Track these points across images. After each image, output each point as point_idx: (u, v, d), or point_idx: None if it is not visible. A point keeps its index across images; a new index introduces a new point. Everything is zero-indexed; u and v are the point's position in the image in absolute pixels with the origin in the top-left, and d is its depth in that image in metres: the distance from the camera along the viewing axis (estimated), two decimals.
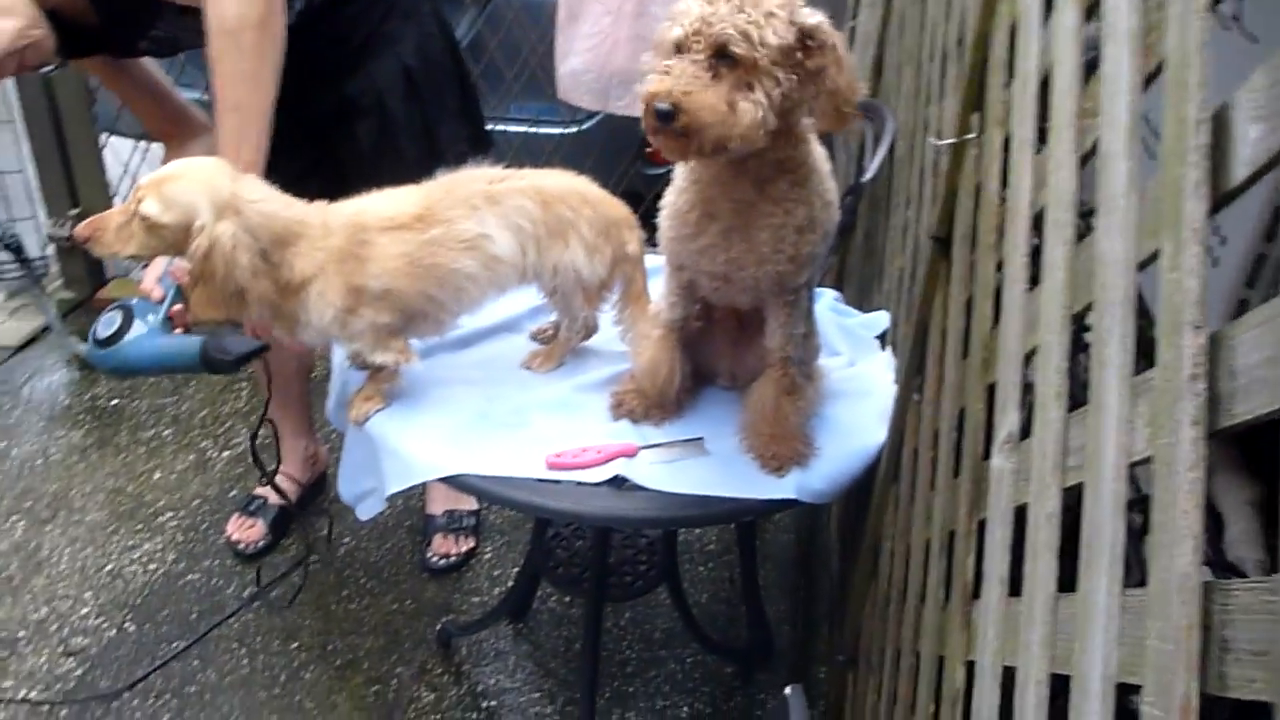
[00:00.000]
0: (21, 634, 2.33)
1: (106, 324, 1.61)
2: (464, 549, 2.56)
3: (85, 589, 2.46)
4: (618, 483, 1.49)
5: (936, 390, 1.36)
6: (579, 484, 1.48)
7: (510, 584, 2.44)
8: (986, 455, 1.08)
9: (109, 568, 2.52)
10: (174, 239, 1.43)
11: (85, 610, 2.40)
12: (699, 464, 1.53)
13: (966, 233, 1.30)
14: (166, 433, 2.97)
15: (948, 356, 1.32)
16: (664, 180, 1.51)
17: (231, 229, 1.41)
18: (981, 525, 1.07)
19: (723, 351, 1.64)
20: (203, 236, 1.40)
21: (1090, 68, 0.91)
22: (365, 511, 1.71)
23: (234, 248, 1.40)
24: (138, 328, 1.59)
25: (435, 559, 2.53)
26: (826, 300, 1.91)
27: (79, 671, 2.25)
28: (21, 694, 2.18)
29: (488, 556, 2.59)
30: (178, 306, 1.62)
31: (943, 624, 1.17)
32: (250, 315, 1.48)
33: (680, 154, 1.28)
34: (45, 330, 3.35)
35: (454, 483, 1.49)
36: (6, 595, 2.43)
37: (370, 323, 1.50)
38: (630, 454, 1.52)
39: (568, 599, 2.47)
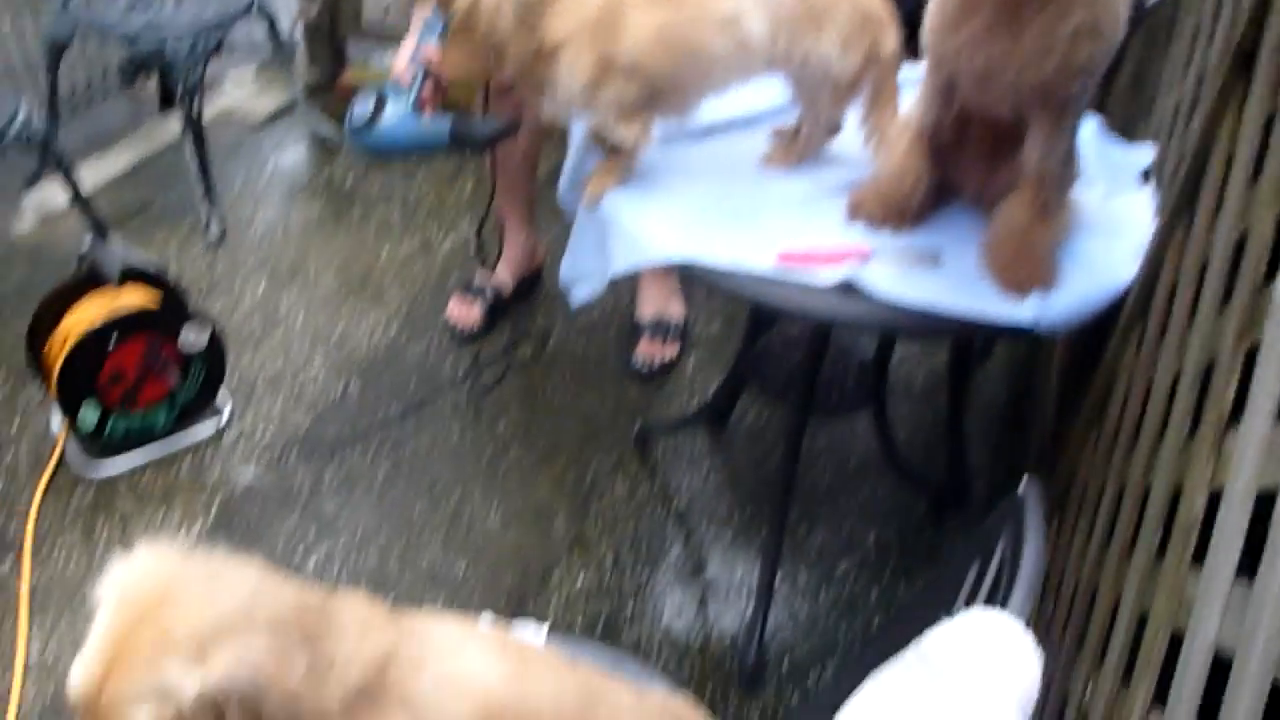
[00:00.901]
0: (260, 382, 2.52)
1: (362, 108, 1.69)
2: (669, 355, 2.59)
3: (316, 349, 2.62)
4: (846, 286, 1.46)
5: (1210, 219, 1.27)
6: (807, 282, 1.46)
7: (711, 395, 2.46)
8: (1268, 281, 1.00)
9: (338, 333, 2.67)
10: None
11: (315, 368, 2.57)
12: (933, 276, 1.48)
13: (1276, 45, 1.18)
14: (395, 215, 3.09)
15: (1232, 182, 1.22)
16: None
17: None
18: (1250, 354, 1.00)
19: (973, 167, 1.56)
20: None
21: None
22: (583, 295, 1.74)
23: (499, 2, 1.40)
24: (391, 111, 1.66)
25: (640, 362, 2.58)
26: (1090, 128, 1.79)
27: (307, 422, 2.42)
28: (257, 435, 2.37)
29: (690, 367, 2.63)
30: (428, 87, 1.67)
31: (1185, 454, 1.12)
32: (503, 73, 1.48)
33: None
34: (291, 106, 3.50)
35: (682, 268, 1.50)
36: (249, 347, 2.61)
37: (617, 95, 1.49)
38: (863, 258, 1.49)
39: (764, 418, 2.48)
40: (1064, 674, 1.33)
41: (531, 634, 1.32)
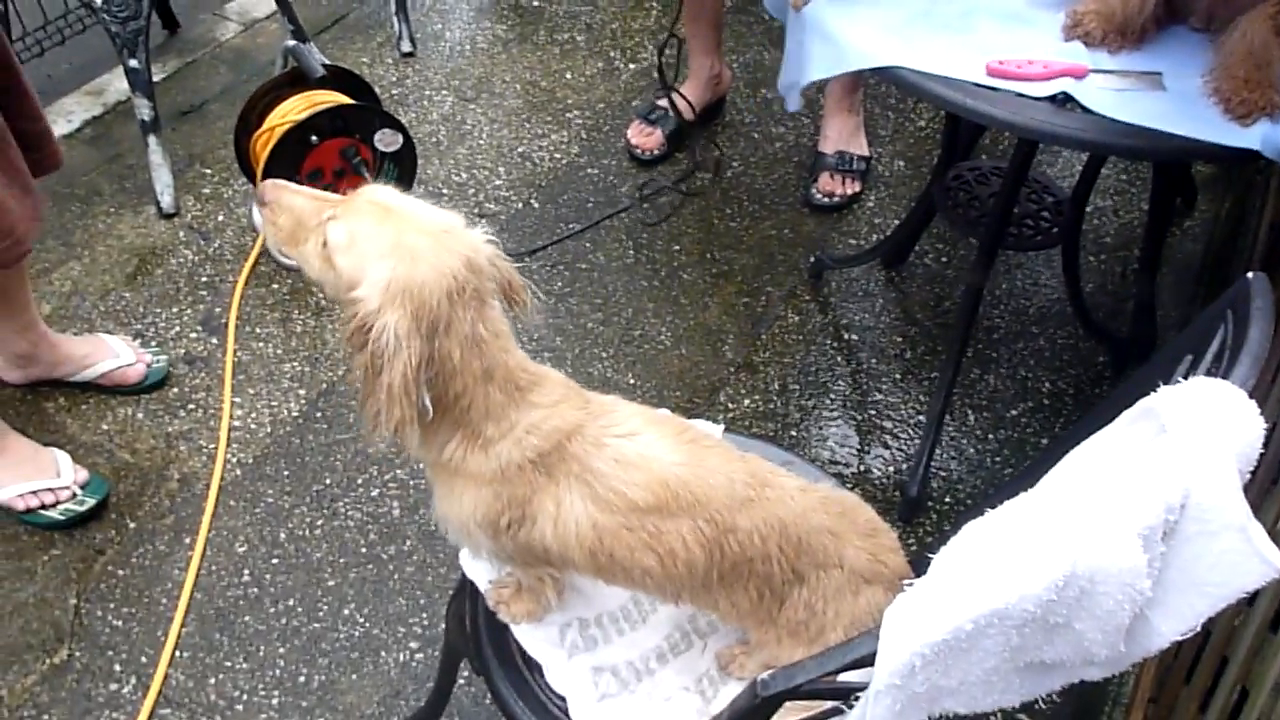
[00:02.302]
0: (445, 191, 2.59)
1: None
2: (849, 191, 2.55)
3: (499, 164, 2.67)
4: (1060, 101, 1.41)
5: None
6: (1019, 95, 1.41)
7: (890, 233, 2.42)
8: None
9: (520, 150, 2.71)
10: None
11: (498, 182, 2.62)
12: (1153, 97, 1.41)
13: None
14: (580, 38, 3.08)
15: None
16: None
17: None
18: None
19: None
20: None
21: None
22: (793, 104, 1.71)
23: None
24: None
25: (820, 195, 2.55)
26: None
27: (491, 231, 2.48)
28: None
29: (870, 204, 2.58)
30: None
31: None
32: None
33: None
34: None
35: (888, 75, 1.46)
36: (434, 157, 2.68)
37: None
38: (1079, 75, 1.42)
39: (945, 259, 2.44)
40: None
41: (709, 430, 1.36)
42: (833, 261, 2.37)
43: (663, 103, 2.70)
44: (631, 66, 2.98)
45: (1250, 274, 0.85)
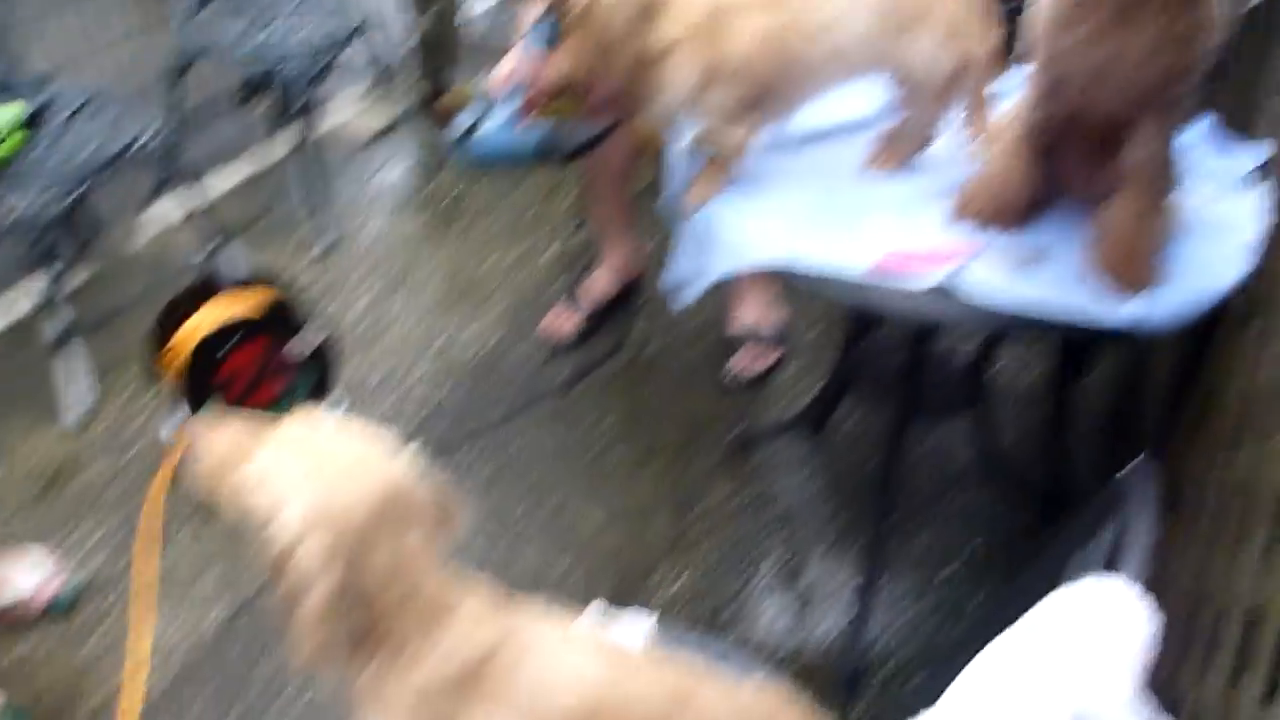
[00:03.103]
0: (368, 386, 2.60)
1: (464, 120, 1.72)
2: (767, 362, 2.61)
3: (422, 356, 2.70)
4: (950, 287, 1.47)
5: None
6: (910, 284, 1.47)
7: (810, 400, 2.47)
8: None
9: (443, 340, 2.75)
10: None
11: (421, 375, 2.64)
12: (1038, 275, 1.48)
13: None
14: (499, 225, 3.16)
15: None
16: None
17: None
18: None
19: (1077, 166, 1.55)
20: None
21: None
22: (687, 298, 1.76)
23: (616, 3, 1.44)
24: (493, 120, 1.70)
25: (739, 369, 2.60)
26: (1200, 127, 1.76)
27: (413, 425, 2.50)
28: None
29: (790, 372, 2.64)
30: (530, 95, 1.71)
31: None
32: (612, 77, 1.52)
33: None
34: (397, 122, 3.61)
35: (783, 271, 1.52)
36: (356, 354, 2.70)
37: (723, 99, 1.52)
38: (967, 260, 1.49)
39: (866, 421, 2.48)
40: (1171, 675, 1.31)
41: (640, 623, 1.35)
42: (758, 433, 2.40)
43: (582, 286, 2.77)
44: (552, 249, 3.05)
45: (1136, 461, 0.88)
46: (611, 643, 1.15)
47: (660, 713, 1.08)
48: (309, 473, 1.04)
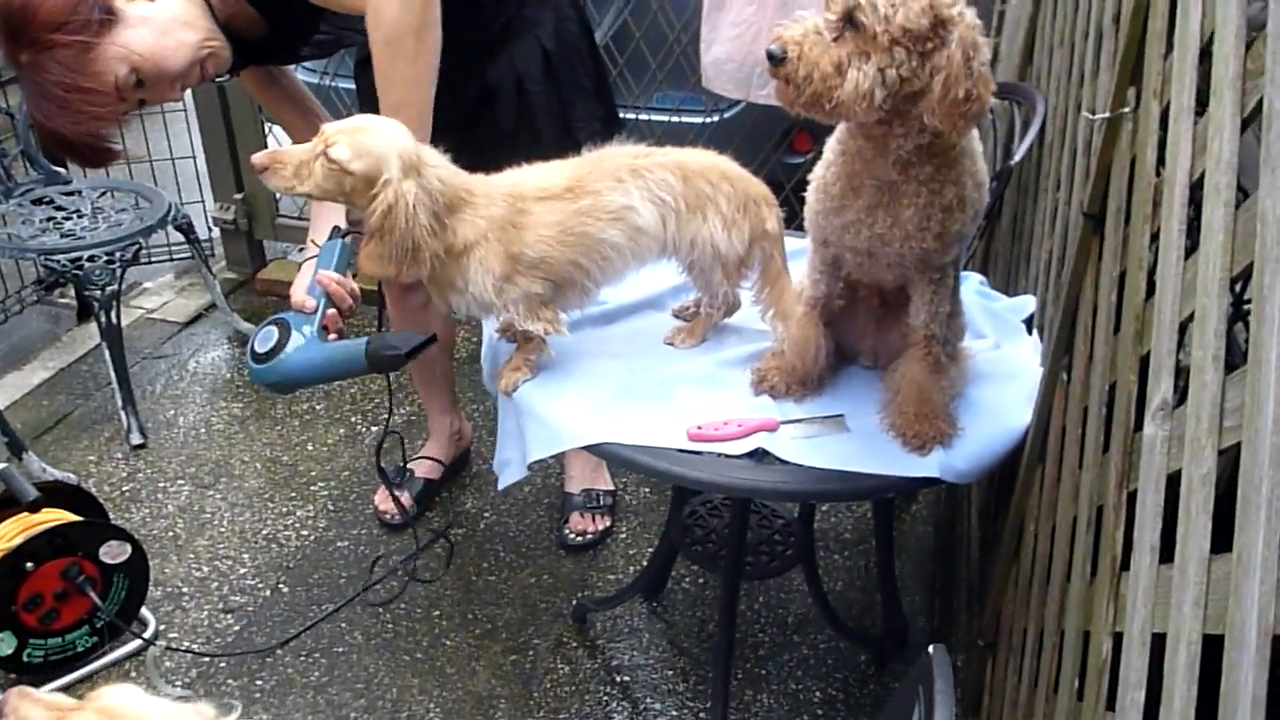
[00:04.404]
0: (185, 590, 2.48)
1: (263, 340, 1.62)
2: (600, 527, 2.61)
3: (243, 550, 2.59)
4: (758, 456, 1.51)
5: (1086, 367, 1.35)
6: (720, 456, 1.51)
7: (645, 563, 2.47)
8: (1138, 427, 1.06)
9: (265, 532, 2.65)
10: (353, 188, 1.50)
11: (243, 570, 2.54)
12: (840, 440, 1.54)
13: (1120, 207, 1.28)
14: (320, 407, 3.10)
15: (1098, 332, 1.30)
16: (805, 169, 1.53)
17: (415, 187, 1.49)
18: (1131, 498, 1.06)
19: (865, 330, 1.64)
20: (388, 190, 1.48)
21: (1254, 28, 0.89)
22: (507, 478, 1.77)
23: (416, 205, 1.48)
24: (296, 339, 1.60)
25: (572, 536, 2.59)
26: (972, 284, 1.89)
27: (236, 627, 2.38)
28: (185, 645, 2.32)
29: (623, 536, 2.64)
30: (331, 312, 1.65)
31: (1089, 598, 1.16)
32: (420, 273, 1.54)
33: (787, 101, 1.31)
34: (211, 308, 3.54)
35: (597, 451, 1.54)
36: (172, 553, 2.58)
37: (524, 292, 1.56)
38: (771, 428, 1.54)
39: (701, 581, 2.50)
40: None
41: None
42: (594, 604, 2.38)
43: (410, 465, 2.73)
44: (374, 429, 3.01)
45: (931, 648, 0.91)
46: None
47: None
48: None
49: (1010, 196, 2.44)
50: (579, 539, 2.59)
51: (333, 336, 1.63)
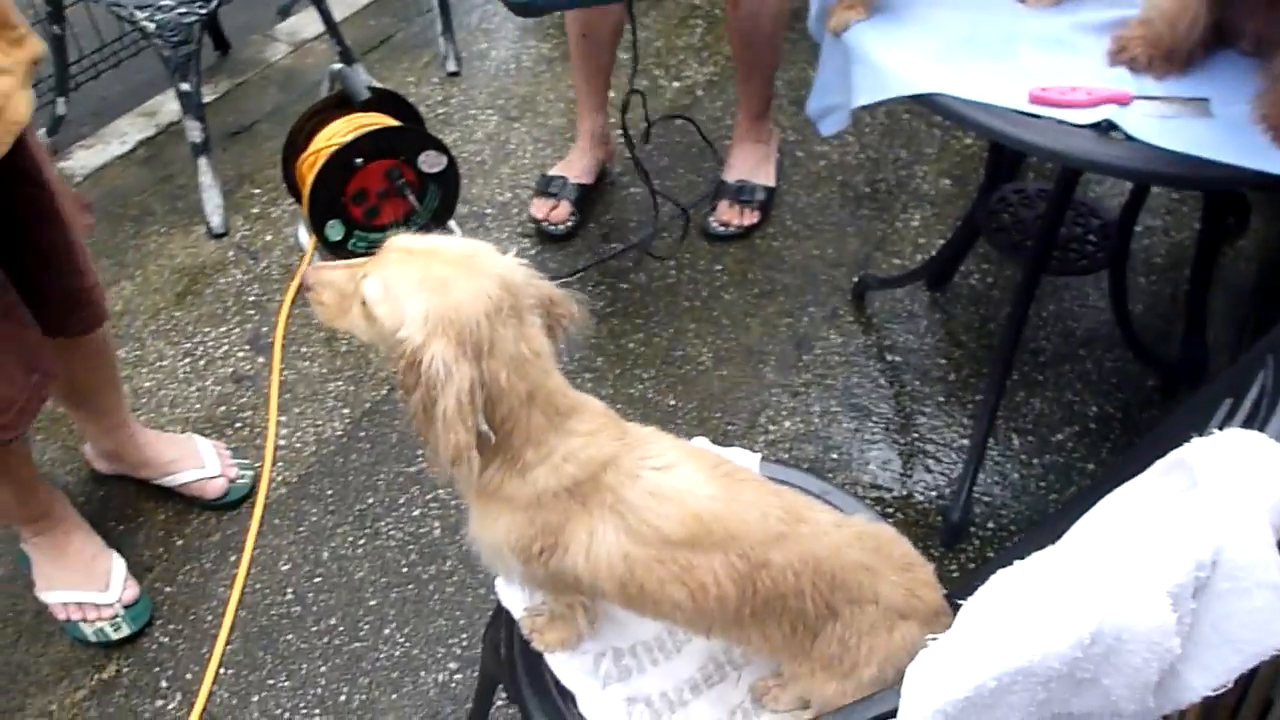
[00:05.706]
0: (489, 211, 2.61)
1: None
2: (747, 222, 2.52)
3: None
4: (1103, 128, 1.39)
5: None
6: (1061, 122, 1.39)
7: (934, 254, 2.40)
8: None
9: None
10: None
11: None
12: (1201, 124, 1.39)
13: None
14: (624, 55, 3.07)
15: None
16: None
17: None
18: None
19: (1255, 6, 1.44)
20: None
21: None
22: (829, 126, 1.71)
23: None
24: None
25: (715, 225, 2.52)
26: None
27: (533, 251, 2.51)
28: None
29: (915, 224, 2.56)
30: None
31: None
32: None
33: None
34: None
35: (928, 102, 1.45)
36: (479, 176, 2.70)
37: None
38: (1123, 101, 1.40)
39: (990, 280, 2.41)
40: None
41: (746, 458, 1.35)
42: (876, 282, 2.35)
43: (557, 171, 2.61)
44: (676, 84, 2.98)
45: None
46: (725, 461, 1.16)
47: (773, 529, 1.09)
48: (423, 279, 1.04)
49: None
50: (722, 228, 2.52)
51: None
